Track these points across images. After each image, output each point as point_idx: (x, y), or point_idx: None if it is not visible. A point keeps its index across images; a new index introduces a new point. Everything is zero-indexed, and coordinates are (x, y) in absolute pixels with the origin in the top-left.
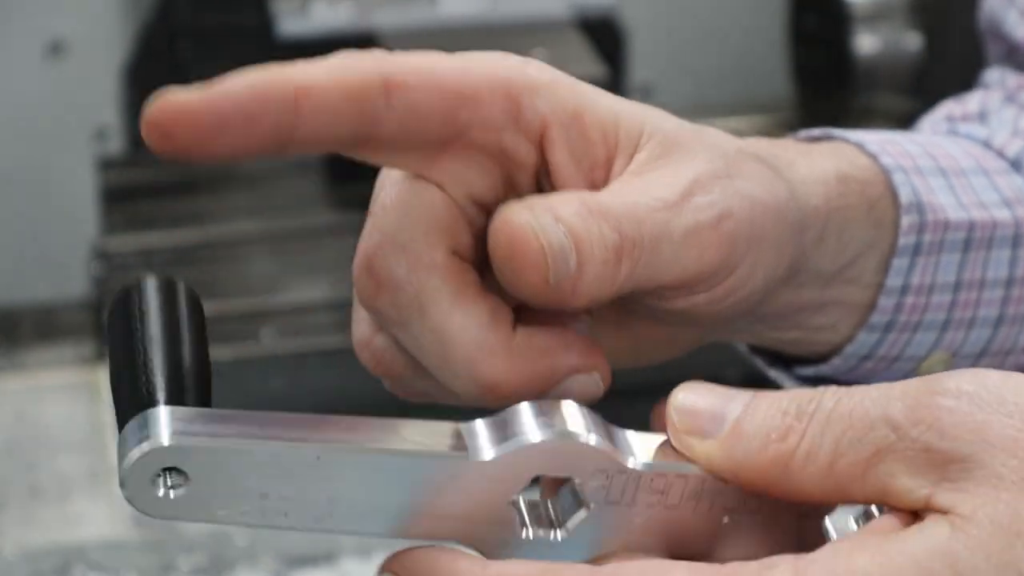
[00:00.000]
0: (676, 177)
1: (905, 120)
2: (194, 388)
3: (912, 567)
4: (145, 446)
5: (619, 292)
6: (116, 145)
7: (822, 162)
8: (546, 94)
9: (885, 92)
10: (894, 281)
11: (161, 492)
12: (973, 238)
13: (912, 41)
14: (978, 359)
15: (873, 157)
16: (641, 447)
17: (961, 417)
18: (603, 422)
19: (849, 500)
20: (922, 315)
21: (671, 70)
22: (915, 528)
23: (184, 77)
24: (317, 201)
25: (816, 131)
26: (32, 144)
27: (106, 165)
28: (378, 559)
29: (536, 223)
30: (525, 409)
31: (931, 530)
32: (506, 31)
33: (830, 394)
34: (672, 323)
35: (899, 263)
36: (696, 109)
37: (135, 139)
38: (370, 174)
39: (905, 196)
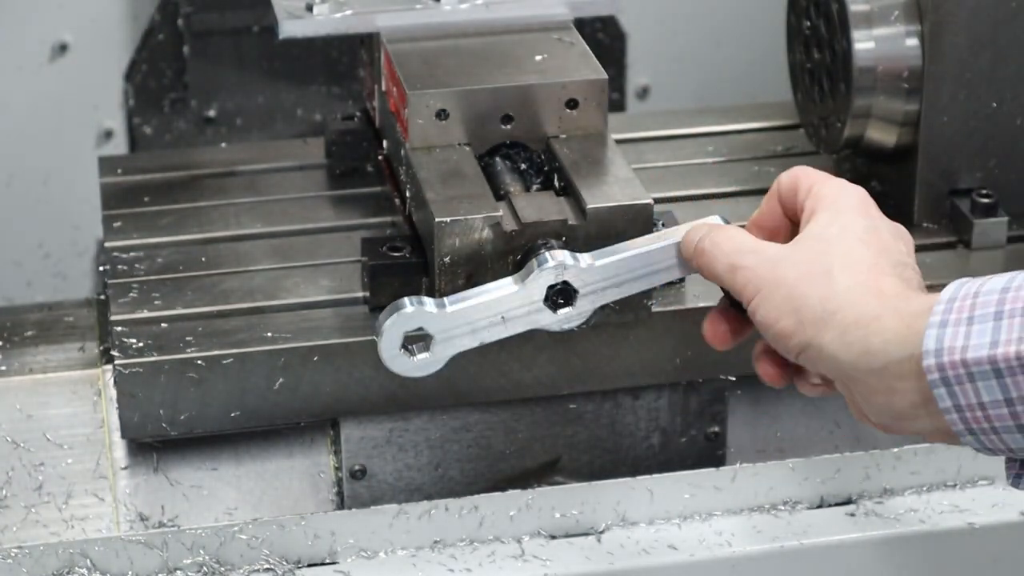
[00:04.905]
0: None
1: (905, 121)
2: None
3: None
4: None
5: None
6: (119, 146)
7: None
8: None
9: (884, 93)
10: None
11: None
12: None
13: (912, 41)
14: None
15: None
16: None
17: None
18: None
19: None
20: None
21: (671, 71)
22: None
23: (186, 79)
24: (317, 201)
25: None
26: (36, 145)
27: (109, 166)
28: (378, 559)
29: None
30: None
31: None
32: (506, 31)
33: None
34: None
35: None
36: (695, 110)
37: (137, 140)
38: (370, 174)
39: None
